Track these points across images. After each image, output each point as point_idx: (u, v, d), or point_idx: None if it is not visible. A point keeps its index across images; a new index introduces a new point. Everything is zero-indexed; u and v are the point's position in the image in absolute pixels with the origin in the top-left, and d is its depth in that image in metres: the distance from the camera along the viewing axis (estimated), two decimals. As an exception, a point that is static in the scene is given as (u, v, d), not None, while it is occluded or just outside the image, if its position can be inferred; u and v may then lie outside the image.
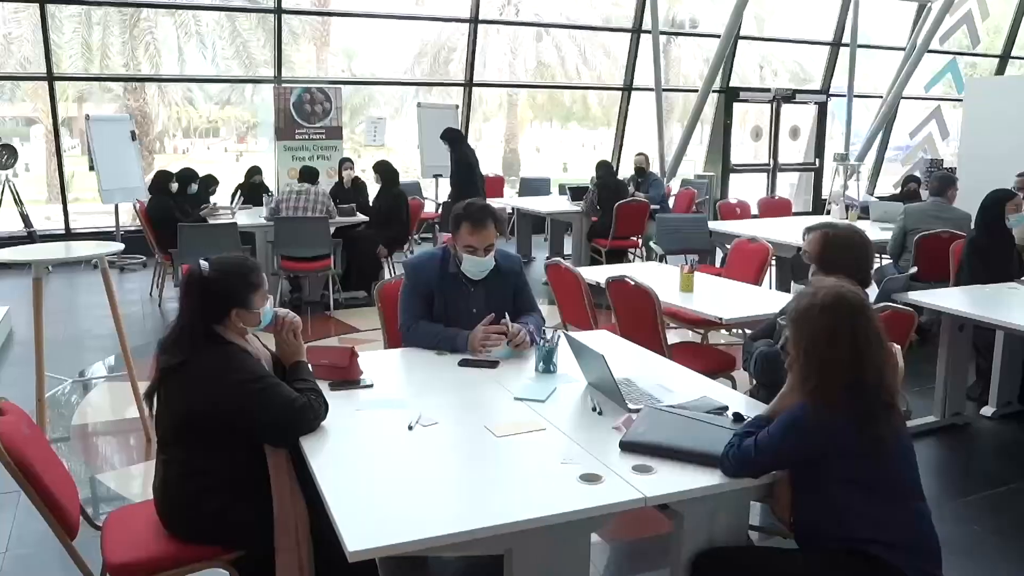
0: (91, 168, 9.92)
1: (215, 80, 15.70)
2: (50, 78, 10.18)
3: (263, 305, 2.61)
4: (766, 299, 4.66)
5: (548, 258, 5.51)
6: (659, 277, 5.11)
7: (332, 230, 7.69)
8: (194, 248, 6.99)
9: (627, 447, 2.37)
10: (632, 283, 4.18)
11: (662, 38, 12.68)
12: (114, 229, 10.16)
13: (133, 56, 14.23)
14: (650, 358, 3.39)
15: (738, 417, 2.47)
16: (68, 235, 10.71)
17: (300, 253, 7.49)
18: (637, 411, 2.62)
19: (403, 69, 16.92)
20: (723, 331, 6.01)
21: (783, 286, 7.03)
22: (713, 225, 7.49)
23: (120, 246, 4.87)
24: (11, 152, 9.88)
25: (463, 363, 3.22)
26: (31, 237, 9.95)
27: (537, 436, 2.51)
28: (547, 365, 3.11)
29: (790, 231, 7.03)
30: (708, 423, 2.44)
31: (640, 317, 4.23)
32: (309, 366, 3.01)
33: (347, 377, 3.02)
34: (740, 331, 5.62)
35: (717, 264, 7.98)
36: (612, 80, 14.56)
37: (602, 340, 3.64)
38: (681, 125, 13.75)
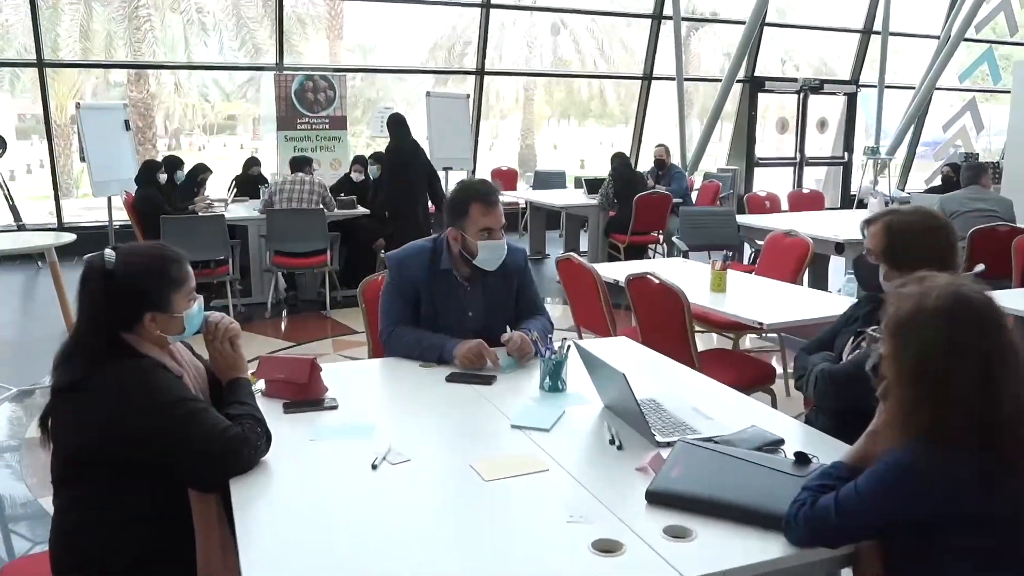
0: (82, 159, 9.43)
1: (213, 67, 15.19)
2: (40, 65, 9.69)
3: (188, 307, 2.04)
4: (810, 300, 4.06)
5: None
6: (685, 275, 4.51)
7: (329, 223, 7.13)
8: (178, 242, 6.42)
9: (656, 498, 1.79)
10: (656, 281, 3.59)
11: (683, 29, 12.05)
12: (107, 223, 9.66)
13: (133, 45, 13.75)
14: (679, 372, 2.80)
15: (802, 458, 1.88)
16: (60, 229, 10.21)
17: (294, 248, 6.94)
18: (668, 445, 2.04)
19: (418, 63, 16.32)
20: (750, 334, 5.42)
21: (817, 285, 6.41)
22: (742, 219, 6.88)
23: (71, 237, 4.33)
24: (0, 143, 9.38)
25: (452, 378, 2.64)
26: (20, 231, 9.48)
27: (537, 480, 1.93)
28: (554, 382, 2.53)
29: (826, 225, 6.42)
30: (762, 466, 1.85)
31: (665, 321, 3.65)
32: (252, 384, 2.45)
33: (307, 396, 2.45)
34: (774, 335, 5.02)
35: (745, 261, 7.37)
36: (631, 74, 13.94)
37: (621, 349, 3.05)
38: (700, 122, 13.12)
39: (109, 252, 1.98)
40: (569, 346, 2.54)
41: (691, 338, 3.51)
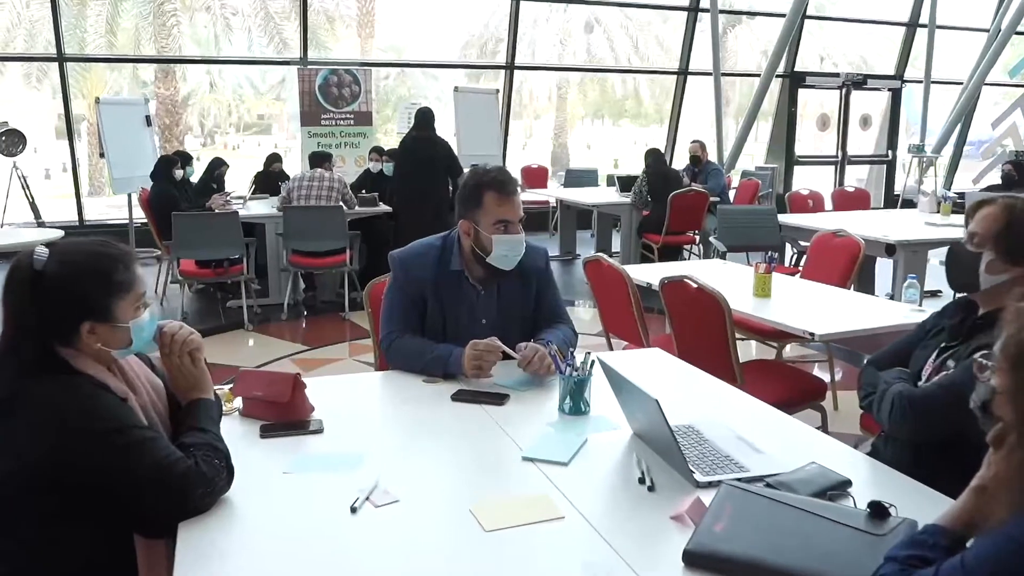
0: (101, 155, 9.22)
1: (235, 61, 14.99)
2: (60, 59, 9.51)
3: (136, 316, 1.72)
4: (864, 307, 3.66)
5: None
6: (725, 278, 4.13)
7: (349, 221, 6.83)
8: (190, 240, 6.19)
9: (696, 559, 1.43)
10: (694, 286, 3.22)
11: (719, 24, 11.61)
12: (127, 221, 9.46)
13: (159, 41, 13.59)
14: (720, 391, 2.43)
15: (878, 509, 1.51)
16: (81, 227, 10.05)
17: (312, 247, 6.64)
18: (710, 486, 1.68)
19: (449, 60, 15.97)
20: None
21: (862, 289, 5.98)
22: (784, 218, 6.47)
23: (58, 234, 4.05)
24: (18, 138, 9.21)
25: (459, 396, 2.30)
26: (40, 228, 9.31)
27: (549, 531, 1.58)
28: (576, 403, 2.18)
29: (875, 225, 5.99)
30: (829, 519, 1.48)
31: (704, 329, 3.28)
32: (229, 402, 2.14)
33: (289, 417, 2.12)
34: (815, 341, 4.62)
35: (786, 263, 6.96)
36: (666, 76, 13.51)
37: (653, 363, 2.69)
38: (736, 121, 12.67)
39: (41, 249, 1.66)
40: (593, 361, 2.18)
41: (733, 349, 3.14)
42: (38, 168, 16.81)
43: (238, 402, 2.21)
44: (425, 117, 7.12)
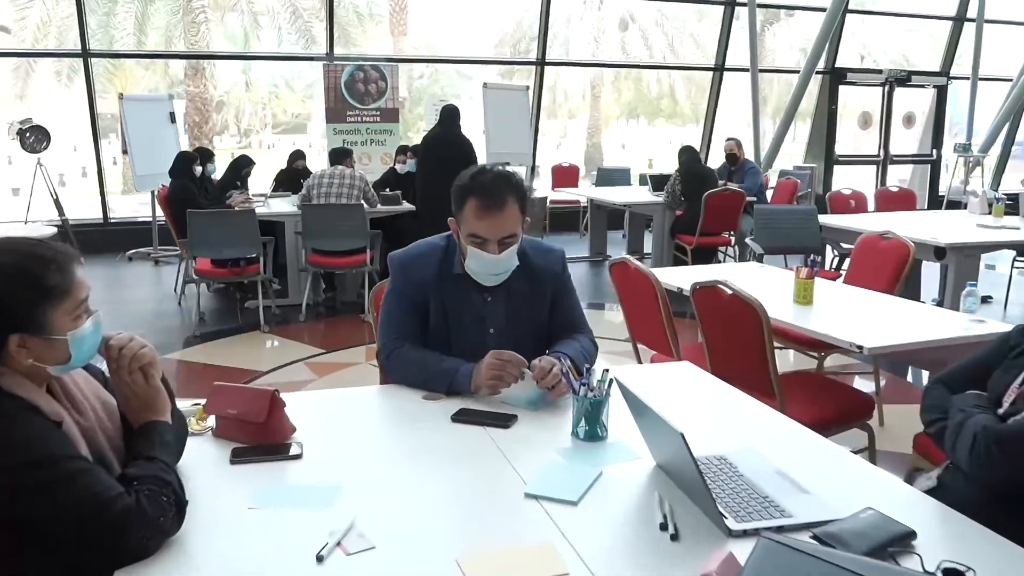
0: (124, 152, 9.13)
1: (261, 57, 14.86)
2: (85, 55, 9.40)
3: (75, 326, 1.48)
4: (917, 316, 3.33)
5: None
6: (762, 283, 3.84)
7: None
8: (206, 238, 5.99)
9: (728, 637, 1.16)
10: (729, 292, 2.93)
11: (757, 19, 11.24)
12: (151, 219, 9.35)
13: (188, 38, 13.51)
14: (758, 414, 2.15)
15: (952, 573, 1.23)
16: (105, 224, 9.96)
17: (331, 246, 6.42)
18: (746, 536, 1.40)
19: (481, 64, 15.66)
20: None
21: (907, 295, 5.63)
22: (825, 219, 6.13)
23: (51, 231, 3.86)
24: (43, 135, 9.11)
25: (460, 417, 2.04)
26: (63, 225, 9.22)
27: (551, 591, 1.32)
28: (592, 427, 1.91)
29: (922, 227, 5.64)
30: (893, 586, 1.20)
31: (739, 339, 2.99)
32: (203, 420, 1.90)
33: (265, 439, 1.88)
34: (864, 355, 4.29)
35: (827, 266, 6.61)
36: (702, 75, 13.13)
37: (682, 379, 2.41)
38: (774, 122, 12.28)
39: (-40, 251, 1.43)
40: (612, 380, 1.91)
41: (771, 362, 2.84)
42: (75, 166, 16.88)
43: (212, 420, 1.97)
44: (450, 114, 6.87)
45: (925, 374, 5.26)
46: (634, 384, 1.76)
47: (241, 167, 8.04)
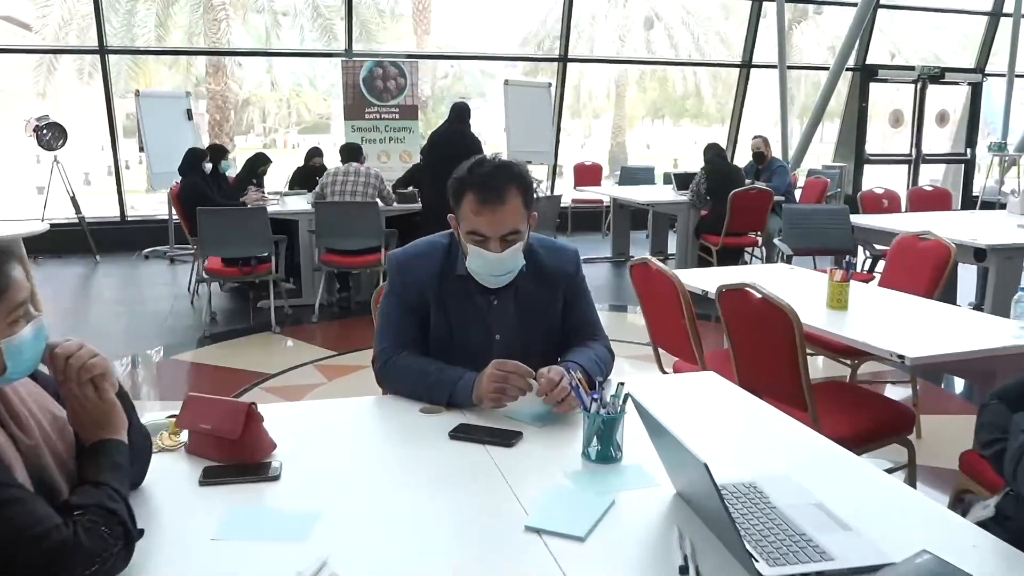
0: (140, 149, 9.02)
1: (279, 54, 14.77)
2: (102, 51, 9.32)
3: (11, 332, 1.31)
4: (960, 323, 3.09)
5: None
6: (793, 286, 3.61)
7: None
8: (216, 236, 5.85)
9: None
10: (757, 296, 2.71)
11: (787, 12, 10.96)
12: (167, 217, 9.24)
13: (208, 36, 13.45)
14: (791, 433, 1.93)
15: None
16: (123, 222, 9.88)
17: (345, 245, 6.25)
18: (779, 587, 1.20)
19: (505, 62, 15.47)
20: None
21: (944, 299, 5.36)
22: (857, 219, 5.87)
23: (43, 227, 3.71)
24: (60, 132, 9.03)
25: (458, 434, 1.84)
26: (80, 223, 9.15)
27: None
28: (605, 448, 1.70)
29: (960, 228, 5.36)
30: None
31: (768, 346, 2.77)
32: (176, 436, 1.73)
33: (241, 457, 1.69)
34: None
35: (858, 268, 6.35)
36: (728, 73, 12.87)
37: (707, 391, 2.19)
38: (801, 122, 11.99)
39: None
40: (627, 396, 1.70)
41: (803, 372, 2.62)
42: (102, 165, 16.93)
43: (186, 435, 1.78)
44: (459, 111, 6.67)
45: (960, 382, 5.01)
46: (653, 398, 1.56)
47: (257, 165, 7.91)
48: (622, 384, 1.74)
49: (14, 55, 11.51)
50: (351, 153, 6.73)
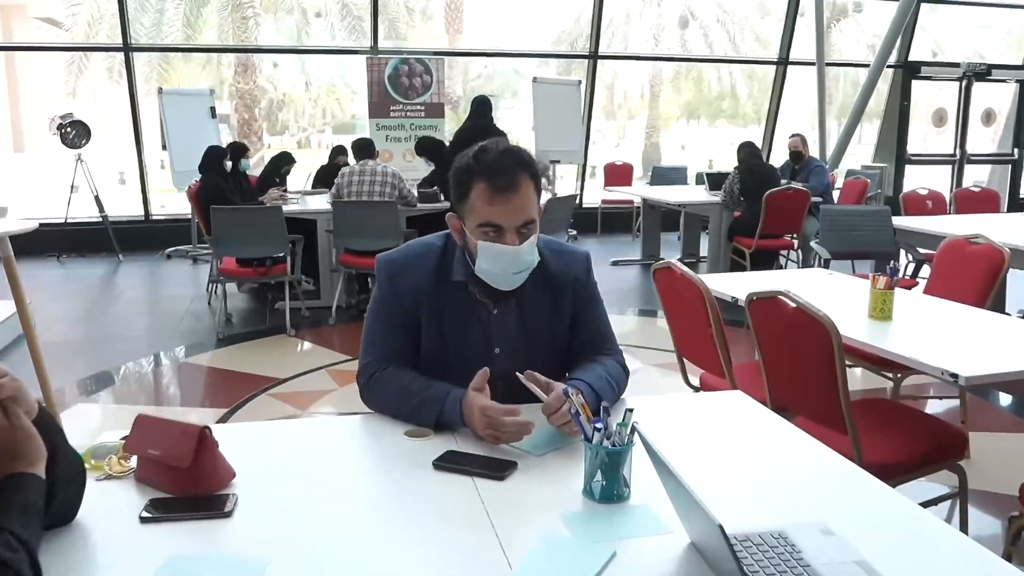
0: (163, 147, 8.93)
1: (304, 51, 14.67)
2: (126, 49, 9.24)
3: None
4: (1019, 335, 2.81)
5: (680, 260, 3.69)
6: (830, 293, 3.35)
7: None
8: (230, 235, 5.68)
9: None
10: (792, 305, 2.45)
11: (825, 10, 10.60)
12: (190, 216, 9.13)
13: (236, 34, 13.39)
14: (829, 466, 1.67)
15: None
16: (147, 221, 9.81)
17: (362, 245, 6.06)
18: None
19: (538, 61, 15.22)
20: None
21: (996, 307, 5.03)
22: (899, 221, 5.56)
23: (31, 226, 3.55)
24: (84, 130, 8.96)
25: (443, 464, 1.61)
26: (104, 222, 9.08)
27: None
28: (610, 484, 1.46)
29: (1012, 231, 5.04)
30: None
31: (803, 360, 2.51)
32: (122, 461, 1.53)
33: (192, 489, 1.48)
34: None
35: (902, 273, 6.02)
36: (764, 72, 12.53)
37: (733, 414, 1.94)
38: (839, 122, 11.61)
39: None
40: (634, 427, 1.46)
41: (842, 390, 2.36)
42: (134, 164, 17.00)
43: (136, 460, 1.58)
44: (480, 105, 6.46)
45: (1005, 397, 4.68)
46: (671, 423, 1.32)
47: (281, 164, 7.76)
48: (630, 411, 1.49)
49: (44, 53, 11.52)
50: (364, 149, 6.51)
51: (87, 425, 4.20)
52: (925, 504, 2.97)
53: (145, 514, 1.42)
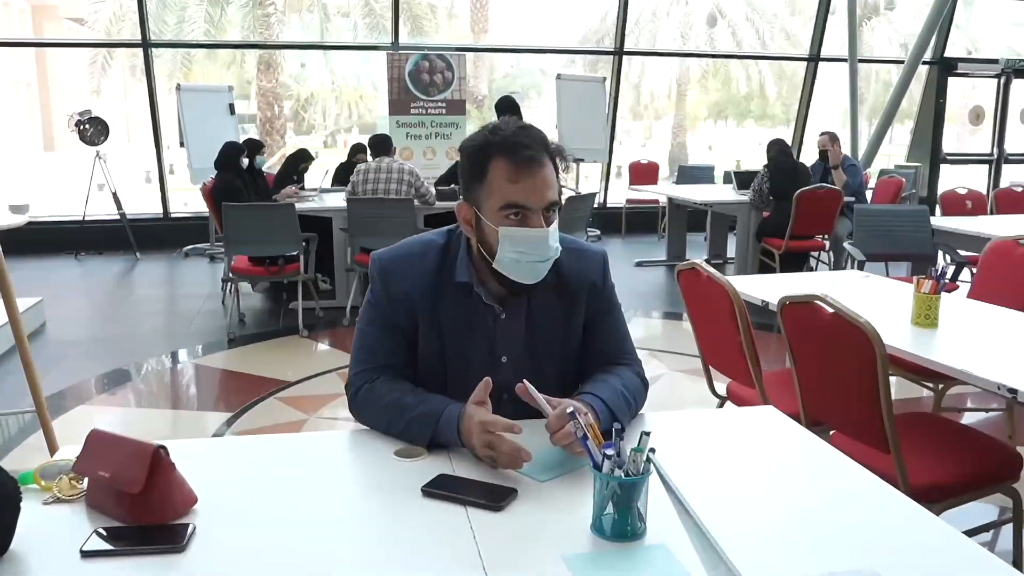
0: (181, 144, 8.83)
1: (323, 47, 14.56)
2: (145, 45, 9.14)
3: None
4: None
5: (706, 261, 3.45)
6: (869, 298, 3.13)
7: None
8: (242, 234, 5.54)
9: None
10: (830, 311, 2.23)
11: (857, 8, 10.30)
12: (208, 214, 9.02)
13: (258, 32, 13.31)
14: (872, 496, 1.46)
15: None
16: (165, 219, 9.72)
17: (377, 244, 5.83)
18: None
19: (564, 60, 14.99)
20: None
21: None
22: (939, 222, 5.30)
23: (21, 221, 3.40)
24: (103, 127, 8.88)
25: (433, 490, 1.42)
26: (122, 220, 8.99)
27: None
28: (624, 519, 1.26)
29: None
30: None
31: (841, 371, 2.29)
32: (80, 487, 1.35)
33: (146, 517, 1.30)
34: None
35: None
36: (794, 71, 12.24)
37: (765, 432, 1.73)
38: (870, 123, 11.30)
39: None
40: (649, 456, 1.25)
41: (885, 403, 2.14)
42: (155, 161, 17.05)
43: (85, 483, 1.40)
44: (507, 106, 6.26)
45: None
46: (693, 444, 1.12)
47: (299, 162, 7.61)
48: (647, 434, 1.29)
49: (71, 51, 11.49)
50: (380, 146, 6.32)
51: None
52: (974, 531, 2.75)
53: (87, 547, 1.24)
